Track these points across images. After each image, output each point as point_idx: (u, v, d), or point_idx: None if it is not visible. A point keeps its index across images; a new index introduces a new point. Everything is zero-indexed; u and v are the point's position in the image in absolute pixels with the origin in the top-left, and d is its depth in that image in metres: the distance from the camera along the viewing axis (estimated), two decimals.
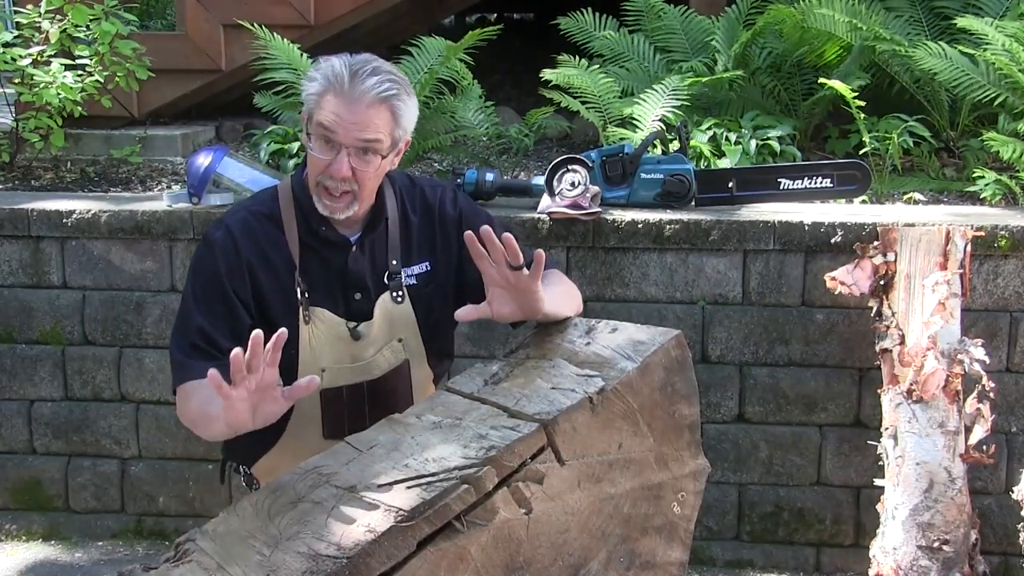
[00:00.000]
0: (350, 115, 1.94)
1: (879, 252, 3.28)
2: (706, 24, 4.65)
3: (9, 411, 3.74)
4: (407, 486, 1.57)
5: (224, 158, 3.70)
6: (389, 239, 2.13)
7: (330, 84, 1.96)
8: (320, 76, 1.98)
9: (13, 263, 3.65)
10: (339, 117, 1.95)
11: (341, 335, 2.10)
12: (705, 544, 3.58)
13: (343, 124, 1.95)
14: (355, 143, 1.96)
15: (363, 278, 2.11)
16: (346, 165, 1.97)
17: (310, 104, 2.00)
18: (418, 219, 2.18)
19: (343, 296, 2.11)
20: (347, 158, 1.96)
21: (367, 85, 1.94)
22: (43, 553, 3.67)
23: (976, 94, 3.93)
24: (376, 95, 1.95)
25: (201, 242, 2.14)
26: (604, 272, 3.49)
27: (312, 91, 1.98)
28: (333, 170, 1.98)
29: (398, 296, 2.13)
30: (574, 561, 1.76)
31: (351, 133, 1.95)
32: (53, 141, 4.20)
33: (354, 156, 1.97)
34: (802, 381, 3.50)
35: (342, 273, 2.10)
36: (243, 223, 2.09)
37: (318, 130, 1.97)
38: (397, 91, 1.98)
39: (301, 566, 1.48)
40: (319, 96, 1.97)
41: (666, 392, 1.89)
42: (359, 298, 2.11)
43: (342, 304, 2.11)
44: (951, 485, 3.15)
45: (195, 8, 4.69)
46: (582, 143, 4.55)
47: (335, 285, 2.10)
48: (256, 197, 2.20)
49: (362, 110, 1.94)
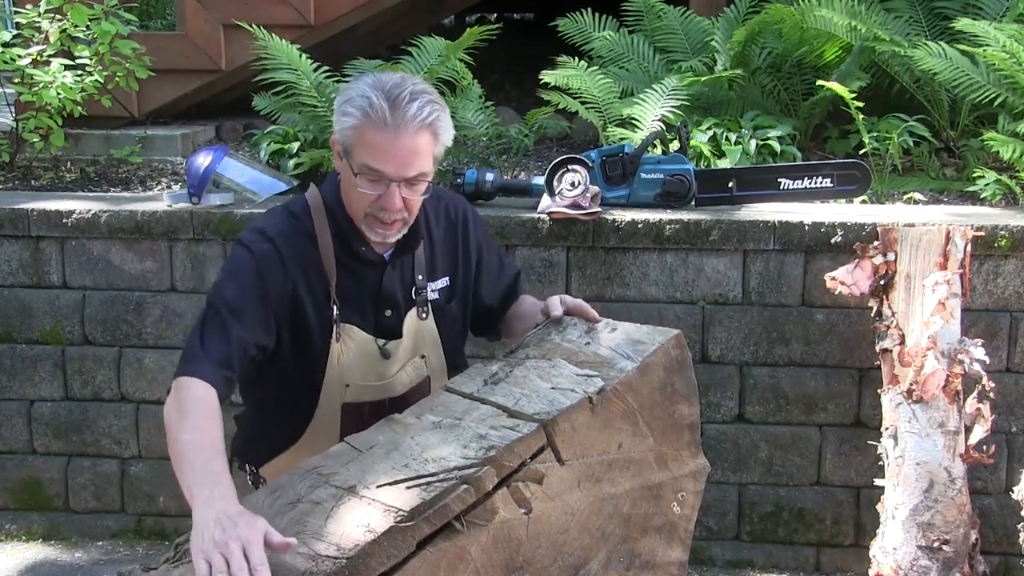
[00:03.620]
0: (397, 151, 1.89)
1: (879, 252, 3.28)
2: (705, 24, 4.65)
3: (9, 411, 3.74)
4: (407, 486, 1.57)
5: (224, 158, 3.70)
6: (415, 255, 2.12)
7: (369, 119, 1.88)
8: (356, 111, 1.90)
9: (13, 263, 3.65)
10: (385, 155, 1.89)
11: (370, 352, 2.07)
12: (705, 544, 3.58)
13: (391, 162, 1.90)
14: (403, 178, 1.92)
15: (395, 295, 2.09)
16: (398, 198, 1.93)
17: (347, 138, 1.93)
18: (441, 234, 2.17)
19: (373, 313, 2.08)
20: (397, 190, 1.93)
21: (410, 114, 1.88)
22: (43, 553, 3.67)
23: (976, 94, 3.93)
24: (420, 123, 1.89)
25: (239, 247, 2.03)
26: (604, 272, 3.49)
27: (348, 125, 1.91)
28: (386, 204, 1.93)
29: (423, 312, 2.12)
30: (574, 561, 1.76)
31: (400, 171, 1.91)
32: (53, 141, 4.20)
33: (403, 187, 1.93)
34: (802, 381, 3.50)
35: (376, 291, 2.07)
36: (286, 238, 2.01)
37: (364, 169, 1.92)
38: (437, 112, 1.92)
39: (301, 566, 1.48)
40: (357, 131, 1.90)
41: (666, 392, 1.89)
42: (389, 315, 2.09)
43: (371, 321, 2.08)
44: (951, 485, 3.15)
45: (195, 8, 4.69)
46: (582, 143, 4.55)
47: (366, 302, 2.07)
48: (287, 210, 2.09)
49: (407, 143, 1.89)
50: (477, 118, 4.34)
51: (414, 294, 2.11)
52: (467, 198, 3.60)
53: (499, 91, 5.59)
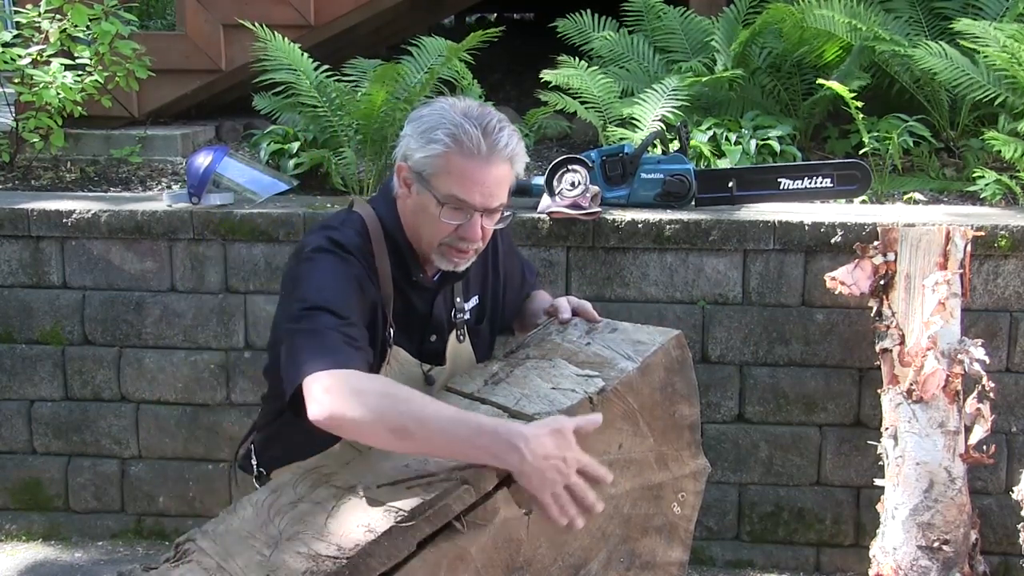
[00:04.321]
0: (485, 181, 1.86)
1: (879, 252, 3.28)
2: (705, 24, 4.65)
3: (9, 411, 3.74)
4: (407, 486, 1.57)
5: (224, 158, 3.70)
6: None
7: (462, 147, 1.84)
8: (447, 138, 1.84)
9: (13, 263, 3.65)
10: (474, 184, 1.86)
11: (413, 376, 2.03)
12: (705, 544, 3.58)
13: (479, 192, 1.87)
14: (489, 208, 1.91)
15: (442, 321, 2.07)
16: (479, 229, 1.91)
17: (429, 166, 1.87)
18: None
19: (419, 337, 2.05)
20: (479, 220, 1.90)
21: (500, 144, 1.85)
22: (43, 553, 3.67)
23: (976, 94, 3.93)
24: (508, 152, 1.87)
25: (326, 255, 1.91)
26: (604, 272, 3.49)
27: (435, 152, 1.86)
28: (467, 235, 1.90)
29: (461, 335, 2.10)
30: (574, 561, 1.76)
31: (486, 201, 1.89)
32: (53, 141, 4.20)
33: (484, 217, 1.91)
34: (802, 381, 3.50)
35: (425, 317, 2.05)
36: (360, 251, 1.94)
37: (450, 199, 1.87)
38: (518, 140, 1.90)
39: (301, 566, 1.48)
40: (445, 159, 1.85)
41: (666, 392, 1.89)
42: (434, 340, 2.07)
43: (416, 344, 2.05)
44: (951, 485, 3.15)
45: (195, 8, 4.69)
46: (582, 143, 4.55)
47: (414, 327, 2.04)
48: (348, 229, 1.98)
49: (496, 173, 1.87)
50: None
51: (454, 316, 2.09)
52: None
53: (499, 91, 5.59)
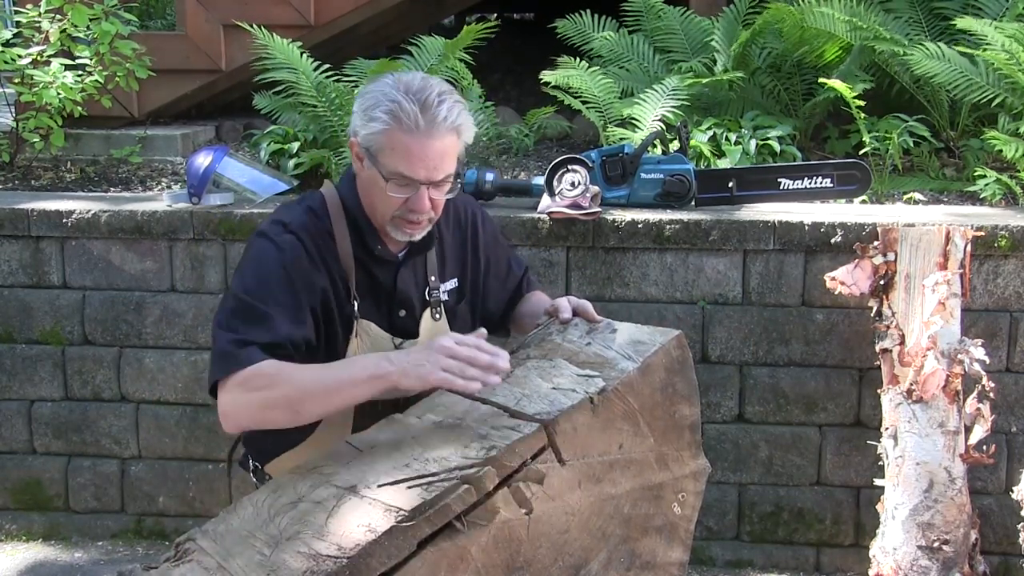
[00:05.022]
0: (427, 155, 1.90)
1: (879, 252, 3.28)
2: (705, 24, 4.65)
3: (9, 411, 3.73)
4: (408, 486, 1.57)
5: (224, 158, 3.70)
6: (428, 255, 2.13)
7: (400, 124, 1.88)
8: (385, 115, 1.89)
9: (13, 263, 3.65)
10: (416, 159, 1.90)
11: (385, 350, 2.06)
12: (705, 544, 3.58)
13: (422, 166, 1.91)
14: (434, 180, 1.94)
15: (409, 296, 2.11)
16: (427, 201, 1.95)
17: (373, 143, 1.93)
18: (450, 235, 2.19)
19: (388, 312, 2.10)
20: (426, 193, 1.94)
21: (440, 117, 1.89)
22: (43, 553, 3.67)
23: (975, 95, 3.93)
24: (449, 125, 1.90)
25: (262, 239, 2.01)
26: (604, 272, 3.49)
27: (376, 130, 1.91)
28: (415, 207, 1.95)
29: (436, 313, 2.13)
30: (574, 561, 1.76)
31: (430, 175, 1.93)
32: (53, 141, 4.20)
33: (432, 189, 1.95)
34: (802, 381, 3.50)
35: (390, 290, 2.09)
36: (308, 234, 2.02)
37: (394, 175, 1.92)
38: (461, 109, 1.93)
39: (301, 566, 1.48)
40: (386, 136, 1.90)
41: (667, 392, 1.89)
42: (403, 315, 2.11)
43: (386, 320, 2.09)
44: (951, 485, 3.15)
45: (195, 8, 4.69)
46: (582, 143, 4.55)
47: (381, 301, 2.09)
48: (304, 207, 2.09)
49: (437, 146, 1.91)
50: (477, 118, 4.34)
51: (428, 295, 2.13)
52: None
53: (499, 91, 5.59)
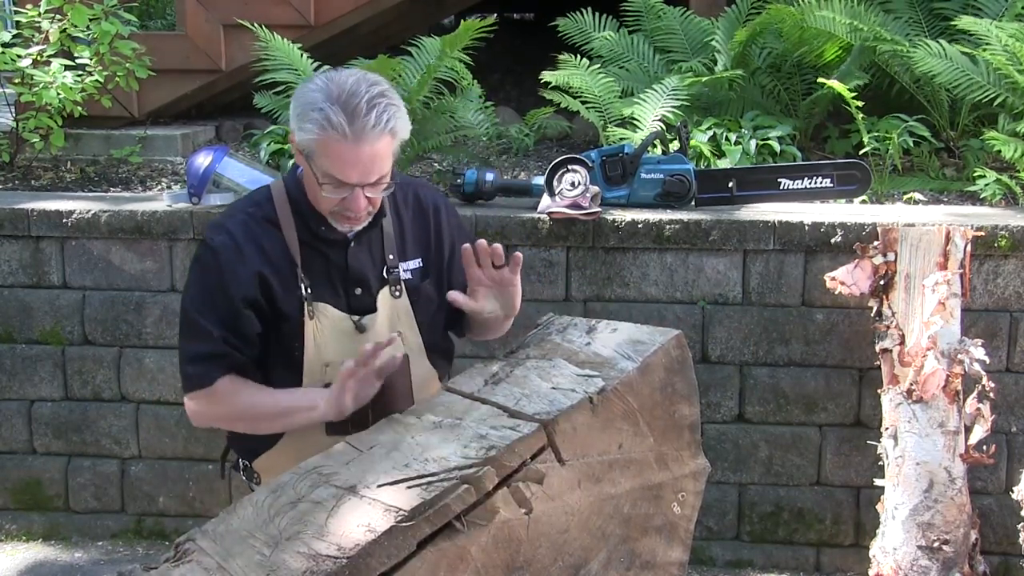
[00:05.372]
0: (359, 161, 1.93)
1: (879, 252, 3.28)
2: (705, 24, 4.65)
3: (9, 411, 3.73)
4: (407, 486, 1.57)
5: (224, 158, 3.70)
6: (385, 235, 2.16)
7: (328, 134, 1.91)
8: (313, 125, 1.92)
9: (13, 263, 3.65)
10: (348, 165, 1.93)
11: (345, 329, 2.11)
12: (705, 544, 3.58)
13: (354, 172, 1.94)
14: (367, 183, 1.97)
15: (364, 274, 2.14)
16: (363, 201, 1.99)
17: (307, 146, 1.96)
18: (411, 217, 2.21)
19: (344, 291, 2.13)
20: (362, 194, 1.98)
21: (369, 125, 1.90)
22: (43, 553, 3.67)
23: (976, 94, 3.93)
24: (379, 131, 1.92)
25: (202, 245, 2.13)
26: (604, 272, 3.49)
27: (309, 137, 1.94)
28: (351, 206, 1.99)
29: (396, 291, 2.16)
30: (574, 561, 1.76)
31: (363, 178, 1.96)
32: (53, 141, 4.20)
33: (367, 189, 1.99)
34: (802, 381, 3.50)
35: (343, 269, 2.13)
36: (244, 226, 2.09)
37: (328, 179, 1.96)
38: (394, 112, 1.95)
39: (301, 566, 1.48)
40: (318, 142, 1.93)
41: (666, 392, 1.89)
42: (359, 293, 2.14)
43: (344, 299, 2.13)
44: (951, 485, 3.15)
45: (195, 8, 4.69)
46: (582, 143, 4.55)
47: (336, 281, 2.13)
48: (250, 199, 2.20)
49: (368, 151, 1.92)
50: (477, 118, 4.34)
51: (385, 273, 2.15)
52: (467, 198, 3.62)
53: (499, 91, 5.59)
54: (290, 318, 2.08)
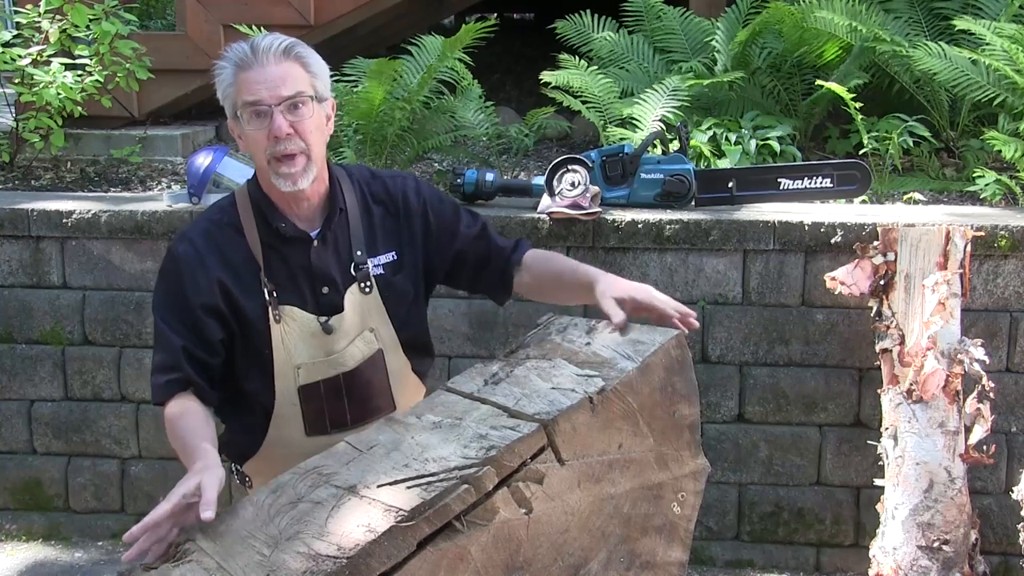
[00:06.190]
0: (266, 77, 2.00)
1: (879, 252, 3.28)
2: (705, 25, 4.65)
3: (9, 411, 3.74)
4: (407, 486, 1.57)
5: (224, 158, 3.70)
6: (351, 231, 2.15)
7: (237, 64, 2.02)
8: (226, 63, 2.04)
9: (13, 263, 3.65)
10: (257, 84, 2.00)
11: (313, 331, 2.11)
12: (705, 544, 3.58)
13: (264, 87, 2.00)
14: (281, 99, 2.00)
15: (329, 272, 2.13)
16: (282, 121, 2.00)
17: (230, 94, 2.05)
18: (380, 210, 2.20)
19: (311, 291, 2.12)
20: (281, 115, 2.00)
21: (266, 45, 2.01)
22: (43, 553, 3.67)
23: (976, 94, 3.93)
24: (279, 49, 2.01)
25: (167, 255, 2.16)
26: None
27: (227, 82, 2.04)
28: (274, 130, 2.01)
29: (366, 286, 2.15)
30: (574, 561, 1.76)
31: (274, 92, 2.00)
32: (53, 141, 4.21)
33: (287, 112, 2.01)
34: (802, 381, 3.50)
35: (307, 269, 2.12)
36: (206, 234, 2.12)
37: (246, 109, 2.02)
38: (294, 42, 2.05)
39: (301, 566, 1.48)
40: (233, 81, 2.03)
41: (666, 392, 1.89)
42: (327, 292, 2.13)
43: (311, 299, 2.12)
44: (951, 485, 3.15)
45: (195, 8, 4.69)
46: (582, 143, 4.56)
47: (302, 281, 2.12)
48: (217, 205, 2.22)
49: (273, 67, 2.01)
50: (477, 118, 4.34)
51: (353, 270, 2.14)
52: (467, 198, 3.62)
53: (499, 91, 5.59)
54: (256, 323, 2.08)
